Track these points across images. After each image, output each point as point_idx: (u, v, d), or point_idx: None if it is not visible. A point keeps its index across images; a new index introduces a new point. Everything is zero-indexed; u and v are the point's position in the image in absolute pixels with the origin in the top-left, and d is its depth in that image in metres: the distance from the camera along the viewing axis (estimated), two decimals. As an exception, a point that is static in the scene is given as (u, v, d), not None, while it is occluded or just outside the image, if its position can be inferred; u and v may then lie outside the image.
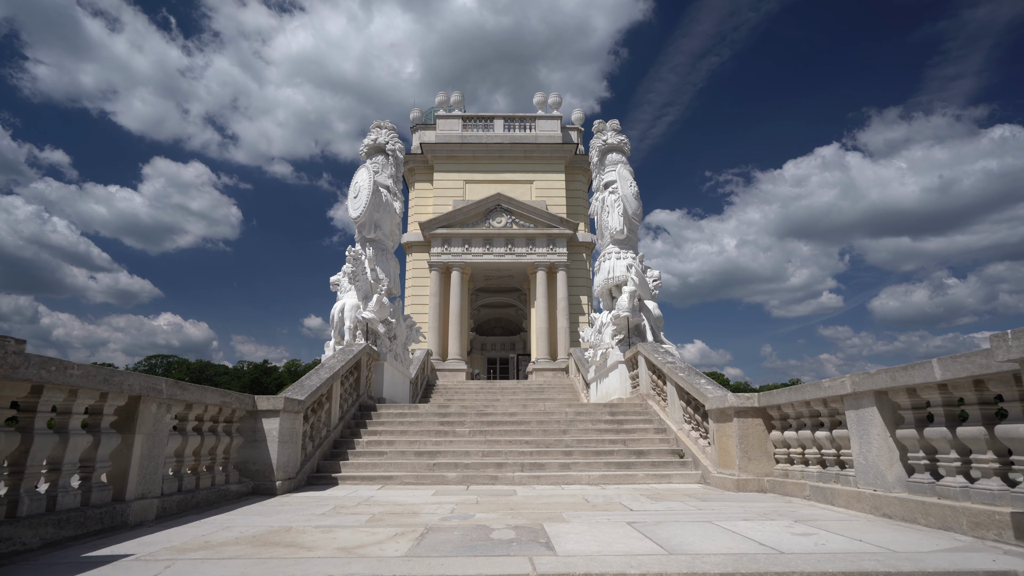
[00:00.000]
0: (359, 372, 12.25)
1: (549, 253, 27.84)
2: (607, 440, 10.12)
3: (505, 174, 30.09)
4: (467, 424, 10.97)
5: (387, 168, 17.01)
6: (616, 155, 17.27)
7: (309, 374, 9.89)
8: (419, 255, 29.26)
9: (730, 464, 7.71)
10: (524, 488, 8.04)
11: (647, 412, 11.63)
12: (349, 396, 11.56)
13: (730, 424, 7.71)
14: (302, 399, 8.27)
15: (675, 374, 10.06)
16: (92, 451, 4.60)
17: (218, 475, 6.67)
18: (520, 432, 10.58)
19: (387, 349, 14.69)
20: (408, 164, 31.15)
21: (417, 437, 10.32)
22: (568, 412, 11.62)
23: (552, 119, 31.23)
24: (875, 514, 5.15)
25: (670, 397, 10.54)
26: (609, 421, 11.12)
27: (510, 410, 11.87)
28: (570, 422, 11.05)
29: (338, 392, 10.47)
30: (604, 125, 17.88)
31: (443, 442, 10.07)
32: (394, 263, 16.43)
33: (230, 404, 6.82)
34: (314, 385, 9.19)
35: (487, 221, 28.06)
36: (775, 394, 7.15)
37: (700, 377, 9.64)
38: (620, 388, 14.18)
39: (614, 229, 16.08)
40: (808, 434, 6.55)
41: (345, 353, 11.63)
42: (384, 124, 17.52)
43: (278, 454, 7.45)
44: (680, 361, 10.88)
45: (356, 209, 15.41)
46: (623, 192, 15.92)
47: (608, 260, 16.05)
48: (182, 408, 5.98)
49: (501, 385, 23.07)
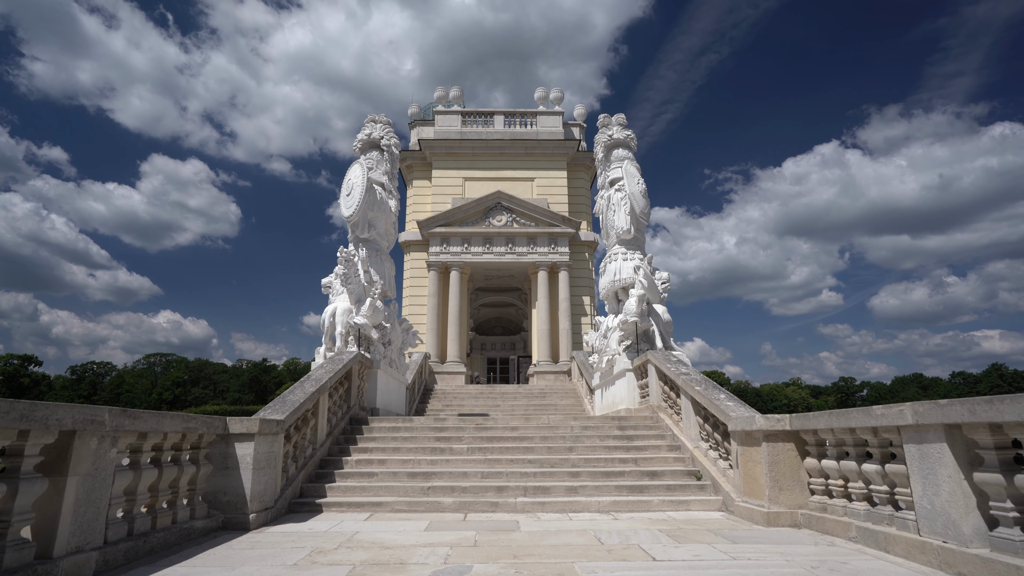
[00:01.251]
0: (350, 382, 11.44)
1: (551, 252, 27.02)
2: (617, 459, 9.31)
3: (505, 171, 29.25)
4: (465, 440, 10.16)
5: (382, 164, 16.18)
6: (622, 151, 16.43)
7: (293, 387, 9.08)
8: (417, 254, 28.44)
9: (757, 493, 6.91)
10: (528, 518, 7.24)
11: (659, 426, 10.83)
12: (339, 409, 10.75)
13: (758, 449, 6.90)
14: (281, 418, 7.45)
15: (691, 388, 9.25)
16: (7, 502, 3.79)
17: (181, 511, 5.86)
18: (523, 450, 9.77)
19: (381, 356, 13.88)
20: (406, 161, 30.33)
21: (411, 456, 9.52)
22: (574, 426, 10.81)
23: (554, 115, 30.38)
24: (947, 571, 4.34)
25: (685, 412, 9.73)
26: (618, 437, 10.31)
27: (511, 423, 11.06)
28: (576, 438, 10.25)
29: (325, 406, 9.67)
30: (610, 119, 17.03)
31: (439, 461, 9.26)
32: (389, 264, 15.62)
33: (195, 429, 6.02)
34: (297, 401, 8.38)
35: (487, 219, 27.23)
36: (811, 417, 6.35)
37: (719, 391, 8.83)
38: (628, 398, 13.37)
39: (620, 229, 15.25)
40: (852, 465, 5.74)
41: (334, 362, 10.82)
42: (379, 118, 16.69)
43: (252, 483, 6.64)
44: (695, 372, 10.07)
45: (349, 207, 14.58)
46: (630, 190, 15.08)
47: (614, 261, 15.23)
48: (134, 439, 5.17)
49: (501, 390, 22.28)
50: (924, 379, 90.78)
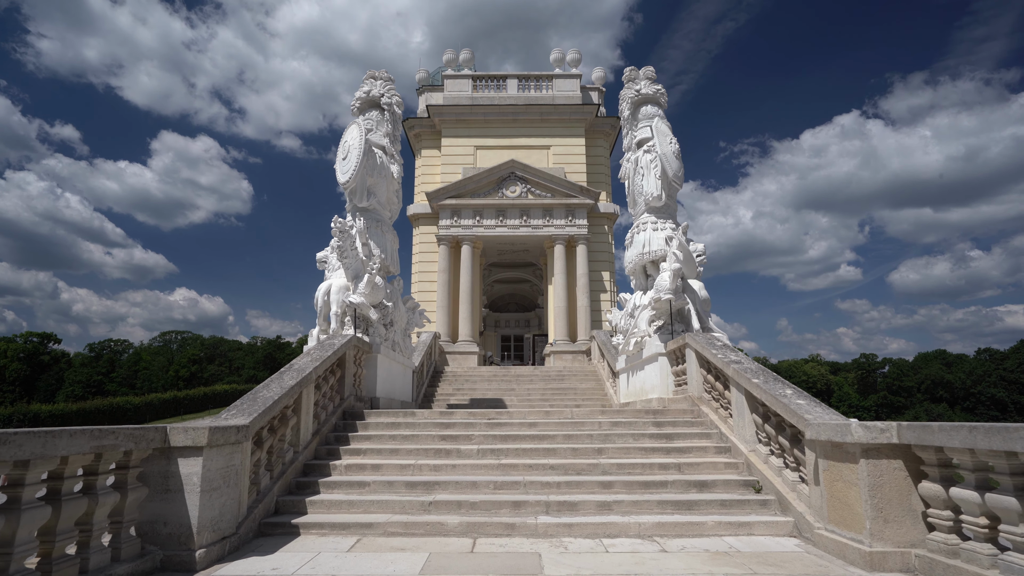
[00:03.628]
0: (343, 370, 10.00)
1: (568, 225, 25.26)
2: (656, 464, 7.78)
3: (520, 139, 27.35)
4: (475, 440, 8.69)
5: (383, 125, 14.50)
6: (651, 107, 14.59)
7: (269, 380, 7.62)
8: (427, 228, 26.82)
9: (851, 523, 5.34)
10: (552, 548, 5.76)
11: (701, 421, 9.27)
12: (330, 402, 9.33)
13: (852, 467, 5.31)
14: (245, 423, 5.99)
15: (746, 380, 7.65)
16: None
17: (96, 554, 4.44)
18: (543, 452, 8.28)
19: (382, 338, 12.41)
20: (414, 130, 28.57)
21: (411, 459, 8.08)
22: (602, 422, 9.28)
23: (570, 78, 28.31)
24: None
25: (736, 408, 8.15)
26: (656, 436, 8.76)
27: (529, 418, 9.56)
28: (605, 436, 8.72)
29: (311, 400, 8.23)
30: (637, 73, 15.14)
31: (444, 467, 7.80)
32: (391, 237, 14.06)
33: (116, 446, 4.56)
34: (271, 398, 6.91)
35: (500, 190, 25.48)
36: (933, 429, 4.73)
37: (784, 385, 7.22)
38: (660, 385, 11.81)
39: (650, 195, 13.51)
40: (1005, 502, 4.14)
41: (323, 348, 9.35)
42: (379, 74, 14.94)
43: (202, 508, 5.20)
44: (748, 360, 8.44)
45: (345, 173, 12.98)
46: (661, 150, 13.30)
47: (643, 231, 13.53)
48: (10, 469, 3.73)
49: (516, 372, 20.83)
50: (948, 355, 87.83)
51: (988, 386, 76.48)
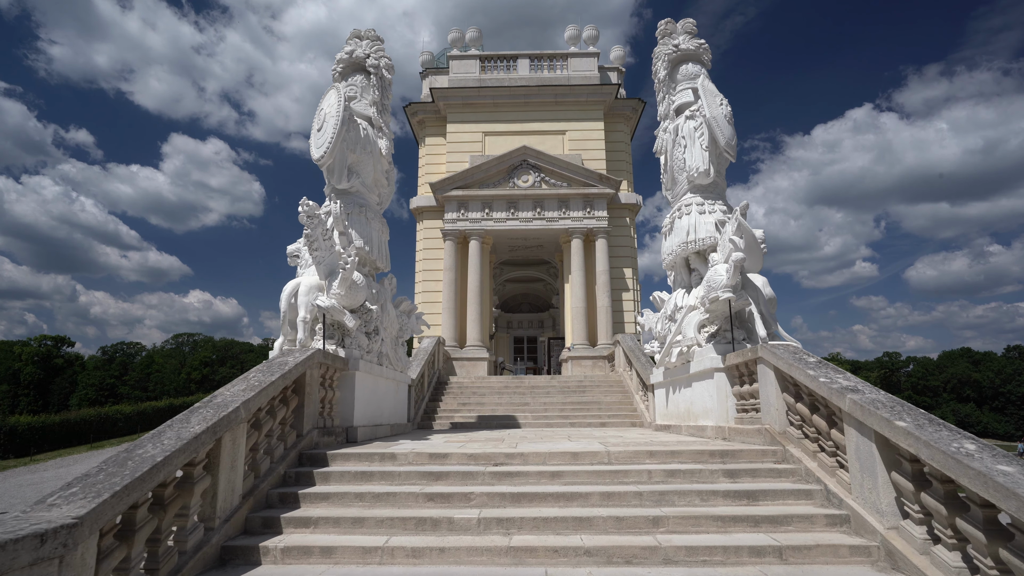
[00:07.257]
0: (301, 396, 7.52)
1: (586, 217, 22.67)
2: (745, 548, 5.18)
3: (532, 123, 24.80)
4: (475, 499, 6.15)
5: (368, 92, 12.06)
6: (693, 66, 11.98)
7: (159, 430, 5.13)
8: (431, 222, 24.37)
9: None
10: None
11: (791, 470, 6.66)
12: (280, 442, 6.85)
13: None
14: (72, 521, 3.50)
15: (882, 421, 5.04)
16: None
17: None
18: (573, 523, 5.69)
19: (362, 350, 9.94)
20: (417, 116, 26.14)
21: (381, 534, 5.57)
22: (652, 471, 6.67)
23: (588, 56, 25.69)
24: None
25: (859, 458, 5.53)
26: (731, 494, 6.16)
27: (550, 464, 7.00)
28: (661, 496, 6.13)
29: (240, 447, 5.76)
30: (674, 26, 12.52)
31: (426, 551, 5.26)
32: (379, 226, 11.60)
33: None
34: (137, 471, 4.42)
35: (511, 180, 22.96)
36: None
37: (955, 434, 4.60)
38: (716, 410, 9.21)
39: (695, 169, 10.91)
40: None
41: (269, 369, 6.84)
42: (365, 33, 12.49)
43: None
44: (871, 389, 5.78)
45: (319, 147, 10.51)
46: (711, 114, 10.65)
47: (686, 215, 10.94)
48: None
49: (531, 383, 18.27)
50: (974, 354, 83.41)
51: (1018, 385, 72.45)
